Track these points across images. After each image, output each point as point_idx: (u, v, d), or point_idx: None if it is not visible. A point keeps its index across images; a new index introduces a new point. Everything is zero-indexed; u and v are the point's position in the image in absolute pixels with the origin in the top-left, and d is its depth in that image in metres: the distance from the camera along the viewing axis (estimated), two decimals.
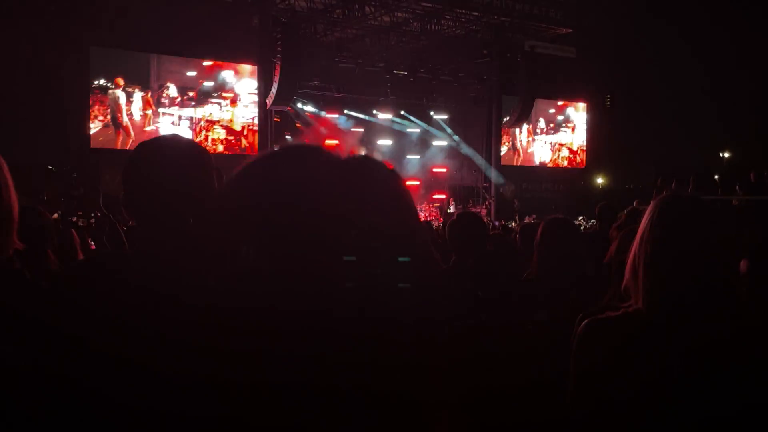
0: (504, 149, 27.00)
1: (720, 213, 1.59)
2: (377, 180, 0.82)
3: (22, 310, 1.52)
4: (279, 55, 19.35)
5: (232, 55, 20.44)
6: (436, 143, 27.46)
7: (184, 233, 1.52)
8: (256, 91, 20.95)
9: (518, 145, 27.68)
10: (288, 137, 24.67)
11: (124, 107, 19.50)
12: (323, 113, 25.14)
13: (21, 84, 17.45)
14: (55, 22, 17.45)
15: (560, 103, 28.20)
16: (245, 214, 0.76)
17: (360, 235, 0.75)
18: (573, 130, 28.70)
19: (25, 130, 17.19)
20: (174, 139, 1.61)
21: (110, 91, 19.37)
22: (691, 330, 1.50)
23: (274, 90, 19.94)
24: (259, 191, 0.76)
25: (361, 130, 26.56)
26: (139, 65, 19.66)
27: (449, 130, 26.84)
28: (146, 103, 19.77)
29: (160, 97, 20.03)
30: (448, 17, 22.48)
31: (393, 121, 26.41)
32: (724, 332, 1.49)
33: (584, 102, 28.64)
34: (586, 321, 1.69)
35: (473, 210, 25.45)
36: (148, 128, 19.66)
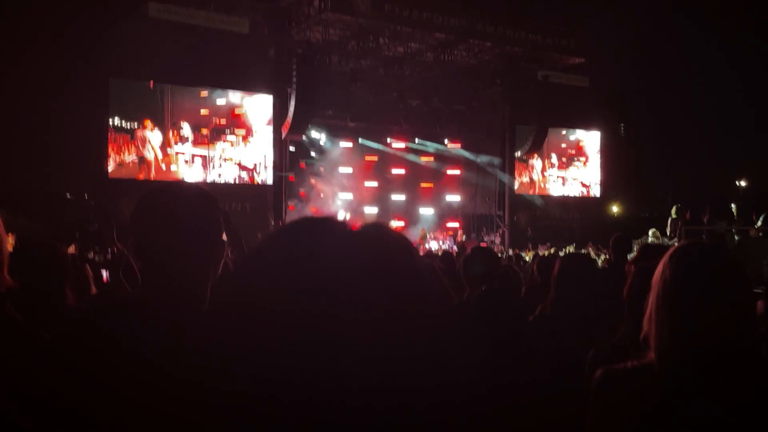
0: (517, 181, 26.98)
1: (738, 264, 1.54)
2: (392, 256, 0.80)
3: (7, 361, 1.51)
4: (294, 86, 19.59)
5: (248, 86, 20.70)
6: (449, 172, 27.53)
7: (188, 281, 1.53)
8: (270, 125, 21.19)
9: (533, 176, 27.64)
10: (302, 165, 24.86)
11: (149, 144, 19.81)
12: (337, 142, 25.34)
13: (41, 112, 17.77)
14: (75, 53, 17.80)
15: (572, 138, 28.16)
16: (259, 298, 0.76)
17: (375, 318, 0.73)
18: (585, 163, 28.65)
19: (44, 158, 17.46)
20: (182, 187, 1.62)
21: (138, 131, 19.70)
22: (711, 393, 1.43)
23: (289, 119, 20.16)
24: (271, 277, 0.76)
25: (375, 158, 26.71)
26: (154, 102, 19.96)
27: (468, 154, 26.87)
28: (165, 141, 20.07)
29: (174, 134, 20.29)
30: (461, 47, 22.71)
31: (408, 148, 26.54)
32: (747, 399, 1.42)
33: (598, 130, 28.62)
34: (602, 370, 1.65)
35: (487, 238, 25.42)
36: (164, 166, 19.95)
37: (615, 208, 30.04)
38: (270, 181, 21.57)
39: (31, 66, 16.58)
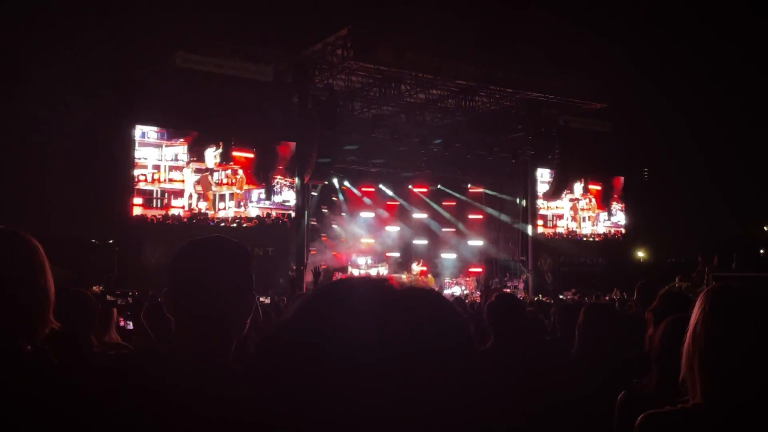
0: (541, 223, 26.86)
1: None
2: (435, 320, 0.77)
3: (47, 404, 1.54)
4: (317, 132, 19.88)
5: (272, 134, 21.04)
6: (471, 216, 27.50)
7: (218, 333, 1.56)
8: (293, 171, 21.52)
9: (561, 221, 27.50)
10: (324, 210, 25.03)
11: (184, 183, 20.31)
12: (360, 187, 25.54)
13: (68, 158, 18.21)
14: (103, 99, 18.29)
15: (595, 188, 28.12)
16: (297, 362, 0.73)
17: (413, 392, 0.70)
18: (609, 208, 28.49)
19: (70, 203, 17.80)
20: (218, 242, 1.67)
21: (185, 170, 20.17)
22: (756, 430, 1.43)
23: (311, 165, 20.39)
24: (310, 341, 0.73)
25: (397, 203, 26.83)
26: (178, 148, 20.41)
27: (489, 202, 26.89)
28: (199, 181, 20.50)
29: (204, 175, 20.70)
30: (482, 94, 22.94)
31: (430, 193, 26.65)
32: None
33: (621, 175, 28.52)
34: (645, 414, 1.64)
35: (510, 284, 25.17)
36: (195, 203, 20.34)
37: (641, 253, 29.66)
38: (292, 225, 21.74)
39: (58, 112, 17.07)
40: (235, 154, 21.14)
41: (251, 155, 21.35)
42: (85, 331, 2.67)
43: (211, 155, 20.78)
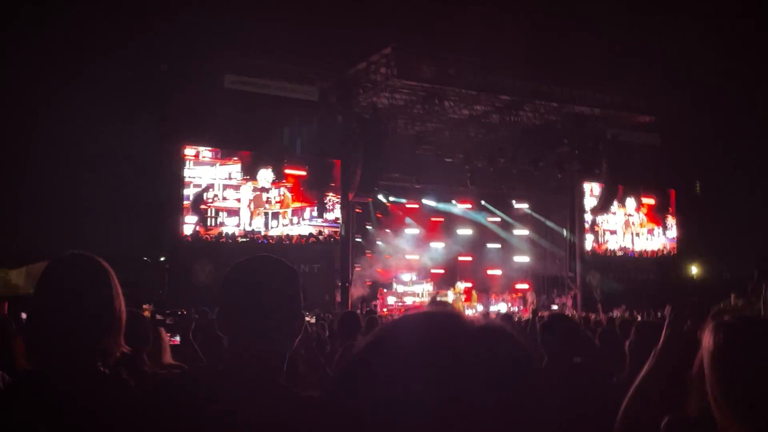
0: (590, 238, 26.39)
1: None
2: (513, 365, 0.76)
3: (123, 420, 1.61)
4: (361, 150, 20.04)
5: (321, 152, 21.33)
6: (516, 232, 27.22)
7: (270, 352, 1.60)
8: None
9: (615, 236, 26.99)
10: (369, 227, 25.13)
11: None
12: (404, 204, 25.59)
13: (122, 178, 18.78)
14: (154, 121, 18.85)
15: (648, 201, 27.54)
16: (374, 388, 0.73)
17: None
18: (660, 228, 27.85)
19: (122, 221, 18.32)
20: (268, 262, 1.72)
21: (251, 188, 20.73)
22: None
23: (356, 182, 20.55)
24: (386, 370, 0.73)
25: (442, 219, 26.76)
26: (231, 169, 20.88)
27: (536, 217, 26.60)
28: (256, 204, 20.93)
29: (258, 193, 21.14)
30: (526, 108, 22.77)
31: (470, 212, 26.52)
32: None
33: (672, 189, 27.85)
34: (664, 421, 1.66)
35: (558, 301, 24.74)
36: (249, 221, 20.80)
37: (694, 269, 28.81)
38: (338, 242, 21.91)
39: (111, 134, 17.64)
40: (287, 171, 21.51)
41: (303, 173, 21.67)
42: (140, 352, 2.75)
43: (264, 175, 21.17)
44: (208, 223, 20.29)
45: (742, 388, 1.47)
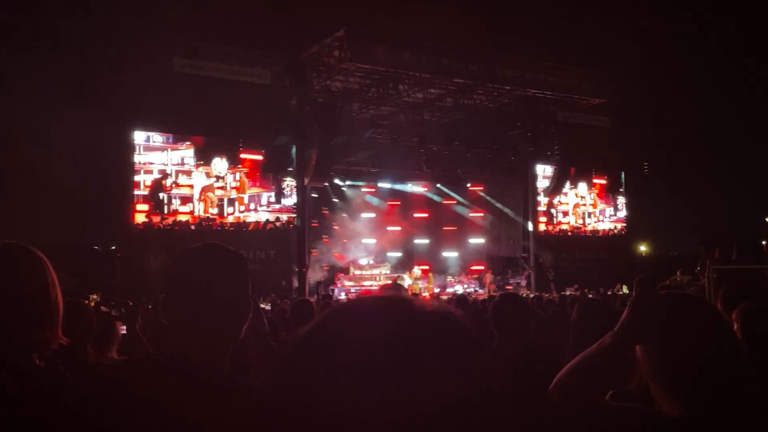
0: (543, 219, 26.87)
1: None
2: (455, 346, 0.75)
3: (57, 414, 1.58)
4: (315, 134, 19.91)
5: (268, 139, 21.04)
6: (472, 215, 27.52)
7: (215, 340, 1.59)
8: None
9: (563, 216, 27.53)
10: (325, 211, 25.05)
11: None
12: (360, 188, 25.57)
13: (69, 164, 18.25)
14: (101, 105, 18.32)
15: (600, 182, 28.15)
16: (316, 374, 0.72)
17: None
18: (611, 209, 28.52)
19: (73, 210, 17.85)
20: (214, 249, 1.70)
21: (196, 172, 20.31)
22: None
23: (311, 167, 20.42)
24: (318, 365, 0.72)
25: (398, 202, 26.86)
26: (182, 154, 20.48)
27: (490, 200, 26.92)
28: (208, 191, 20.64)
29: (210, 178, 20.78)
30: (480, 92, 22.96)
31: (427, 194, 26.68)
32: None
33: (620, 170, 28.53)
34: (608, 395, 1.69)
35: (513, 281, 25.17)
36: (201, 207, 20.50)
37: (643, 248, 29.66)
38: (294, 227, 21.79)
39: (60, 119, 17.11)
40: (243, 156, 21.23)
41: (260, 157, 21.41)
42: (83, 343, 2.68)
43: (218, 165, 20.85)
44: (164, 211, 19.92)
45: (669, 363, 1.50)
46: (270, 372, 0.78)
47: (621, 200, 28.73)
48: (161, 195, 19.84)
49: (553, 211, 27.12)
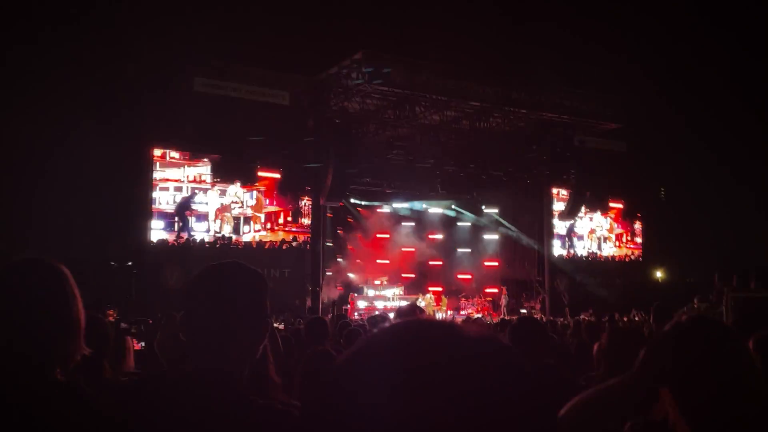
0: (558, 243, 26.74)
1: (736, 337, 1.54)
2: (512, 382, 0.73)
3: (76, 429, 1.61)
4: (332, 155, 20.03)
5: (285, 159, 21.22)
6: (487, 236, 27.41)
7: (233, 358, 1.61)
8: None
9: (583, 242, 27.38)
10: (340, 231, 25.08)
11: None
12: (375, 208, 25.59)
13: (89, 181, 18.44)
14: (122, 123, 18.58)
15: (616, 206, 28.02)
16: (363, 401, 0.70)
17: None
18: (627, 234, 28.34)
19: (89, 225, 17.99)
20: (233, 267, 1.72)
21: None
22: None
23: (327, 187, 20.51)
24: (358, 395, 0.70)
25: (413, 223, 26.82)
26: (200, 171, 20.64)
27: (505, 223, 26.80)
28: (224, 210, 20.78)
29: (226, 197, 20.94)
30: (496, 115, 22.99)
31: (444, 215, 26.64)
32: None
33: (637, 195, 28.36)
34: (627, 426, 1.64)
35: (527, 305, 24.97)
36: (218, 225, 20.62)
37: (658, 274, 29.35)
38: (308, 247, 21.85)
39: (80, 135, 17.33)
40: (260, 174, 21.38)
41: (277, 176, 21.55)
42: (99, 357, 2.72)
43: (233, 191, 21.04)
44: (175, 228, 19.99)
45: (692, 393, 1.48)
46: (312, 397, 0.75)
47: (637, 225, 28.52)
48: (189, 214, 20.00)
49: (574, 235, 26.98)
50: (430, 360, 0.70)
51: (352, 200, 24.73)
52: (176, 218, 19.87)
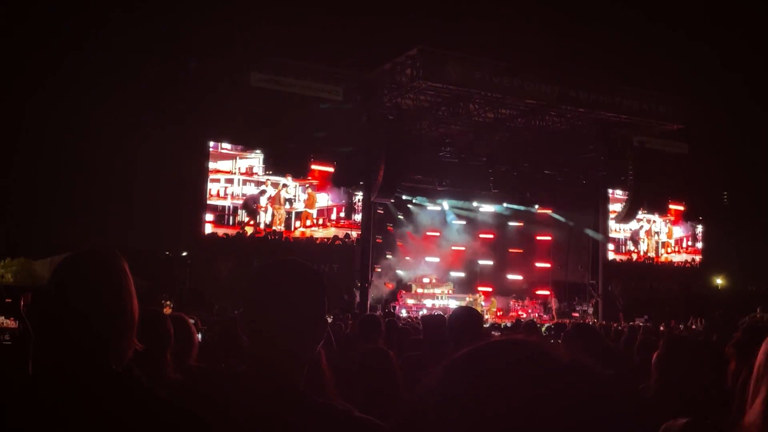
0: (611, 247, 26.12)
1: None
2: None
3: (136, 419, 1.60)
4: (384, 151, 20.01)
5: (338, 153, 21.33)
6: (539, 238, 26.99)
7: (292, 356, 1.59)
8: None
9: (629, 244, 26.72)
10: (390, 228, 25.09)
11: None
12: (426, 206, 25.52)
13: (146, 173, 18.97)
14: (182, 118, 19.01)
15: (676, 208, 27.21)
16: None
17: None
18: (688, 239, 27.52)
19: (145, 215, 18.50)
20: (291, 263, 1.70)
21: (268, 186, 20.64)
22: None
23: (378, 183, 20.51)
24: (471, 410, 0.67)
25: (463, 222, 26.64)
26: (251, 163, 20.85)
27: (561, 219, 26.30)
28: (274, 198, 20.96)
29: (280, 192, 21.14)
30: (552, 113, 22.57)
31: (497, 214, 26.36)
32: None
33: (699, 198, 27.44)
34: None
35: (579, 308, 24.48)
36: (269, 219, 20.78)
37: (719, 281, 28.36)
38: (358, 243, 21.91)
39: (138, 129, 17.83)
40: (313, 167, 21.50)
41: (331, 169, 21.66)
42: (161, 351, 2.73)
43: (286, 182, 21.13)
44: (226, 222, 20.18)
45: None
46: (402, 418, 0.73)
47: (696, 230, 27.61)
48: (224, 204, 20.20)
49: (622, 237, 26.32)
50: (522, 384, 0.67)
51: (404, 197, 24.69)
52: (245, 211, 20.15)
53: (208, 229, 19.94)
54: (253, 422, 1.47)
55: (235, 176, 20.47)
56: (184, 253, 19.90)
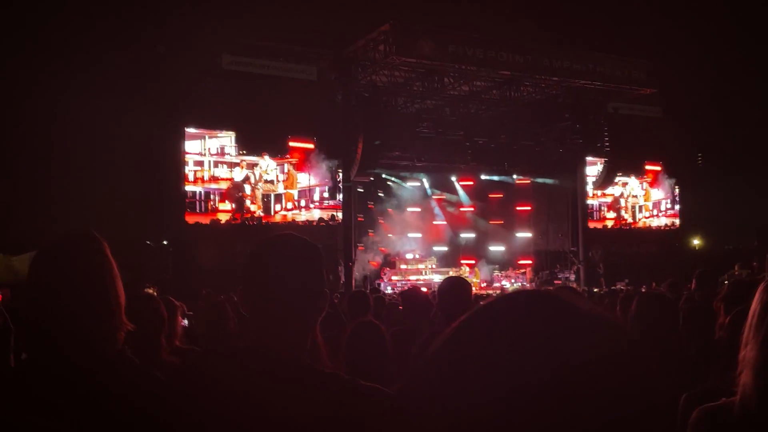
0: (592, 213, 26.39)
1: None
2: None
3: (136, 399, 1.61)
4: (361, 129, 19.93)
5: (315, 132, 21.05)
6: (519, 208, 27.19)
7: (295, 330, 1.60)
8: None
9: (613, 210, 27.02)
10: (370, 206, 25.10)
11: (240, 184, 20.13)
12: (405, 181, 25.55)
13: (122, 161, 18.71)
14: (155, 104, 18.71)
15: (652, 168, 27.45)
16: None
17: None
18: (667, 200, 27.85)
19: (125, 205, 18.27)
20: (289, 238, 1.72)
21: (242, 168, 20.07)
22: None
23: (357, 161, 20.46)
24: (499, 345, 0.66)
25: (443, 196, 26.74)
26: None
27: (549, 181, 26.39)
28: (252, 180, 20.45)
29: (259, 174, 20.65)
30: (527, 83, 22.61)
31: (477, 186, 26.47)
32: None
33: (673, 161, 27.77)
34: (697, 410, 1.60)
35: (561, 276, 24.79)
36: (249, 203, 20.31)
37: (696, 241, 28.83)
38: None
39: (112, 117, 17.54)
40: (292, 144, 20.69)
41: (311, 145, 20.85)
42: (157, 334, 2.74)
43: (264, 164, 20.38)
44: (198, 209, 19.53)
45: None
46: (419, 370, 0.71)
47: (672, 192, 27.97)
48: (195, 190, 19.46)
49: (595, 203, 26.54)
50: (543, 333, 0.65)
51: (383, 175, 24.68)
52: (229, 201, 19.64)
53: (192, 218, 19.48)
54: (263, 395, 1.49)
55: (205, 158, 19.51)
56: (165, 242, 19.73)
